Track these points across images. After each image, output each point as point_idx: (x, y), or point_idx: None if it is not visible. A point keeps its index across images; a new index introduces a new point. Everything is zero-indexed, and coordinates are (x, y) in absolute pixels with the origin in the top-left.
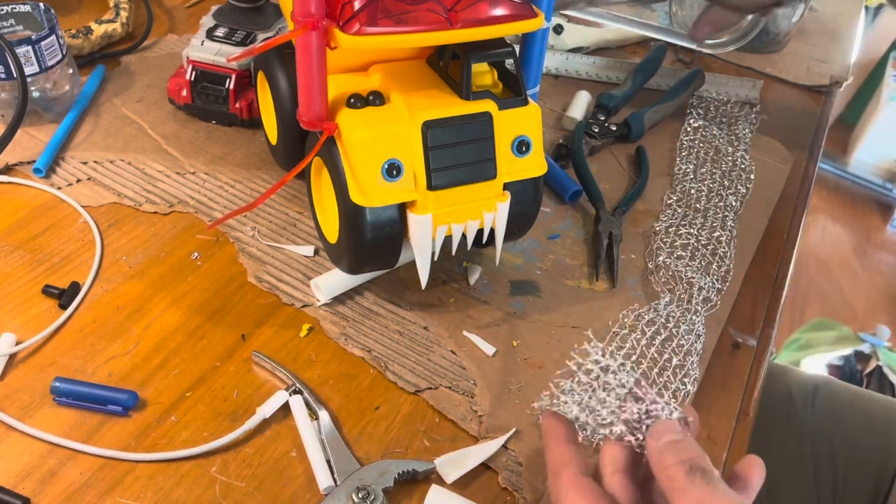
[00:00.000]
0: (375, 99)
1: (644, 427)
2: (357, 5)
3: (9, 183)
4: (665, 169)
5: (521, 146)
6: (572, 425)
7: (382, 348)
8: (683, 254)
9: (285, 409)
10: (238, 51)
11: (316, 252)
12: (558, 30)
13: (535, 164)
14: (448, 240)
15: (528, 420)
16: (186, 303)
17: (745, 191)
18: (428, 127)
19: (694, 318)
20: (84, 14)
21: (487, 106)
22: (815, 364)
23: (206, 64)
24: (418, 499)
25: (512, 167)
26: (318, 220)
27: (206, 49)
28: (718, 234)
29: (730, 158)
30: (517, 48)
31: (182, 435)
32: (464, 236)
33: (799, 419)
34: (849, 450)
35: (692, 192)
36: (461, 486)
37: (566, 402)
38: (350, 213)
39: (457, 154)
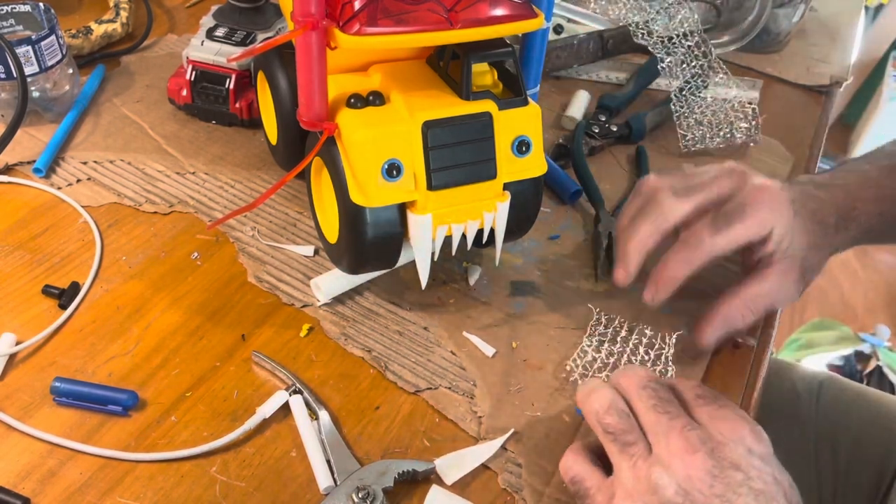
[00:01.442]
0: (375, 99)
1: None
2: (357, 5)
3: (9, 183)
4: (665, 169)
5: (521, 146)
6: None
7: (382, 348)
8: None
9: (285, 409)
10: (238, 51)
11: (316, 252)
12: (558, 30)
13: (535, 164)
14: (448, 240)
15: (528, 421)
16: (186, 303)
17: None
18: (428, 127)
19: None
20: (84, 14)
21: (487, 106)
22: (816, 364)
23: (206, 64)
24: (418, 499)
25: (512, 167)
26: (318, 220)
27: (206, 49)
28: None
29: None
30: (517, 48)
31: (182, 435)
32: (464, 236)
33: (804, 414)
34: (851, 446)
35: None
36: (461, 486)
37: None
38: (350, 213)
39: (457, 154)
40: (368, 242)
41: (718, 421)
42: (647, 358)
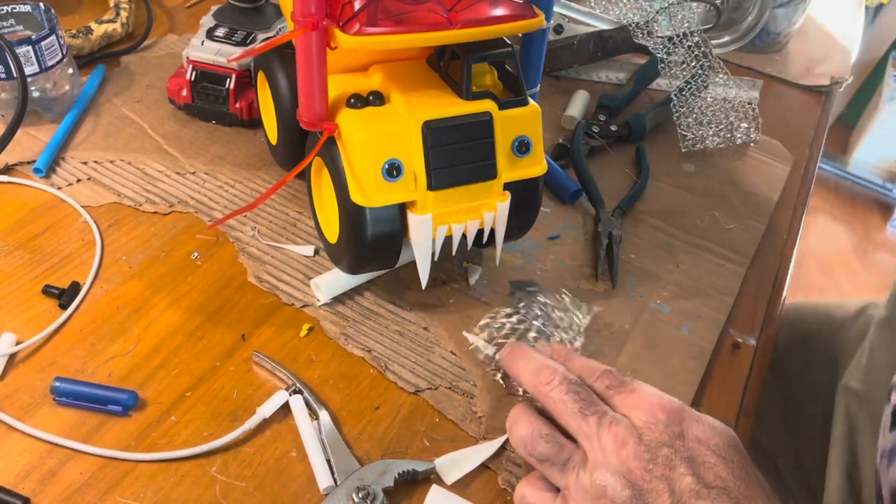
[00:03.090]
0: (375, 99)
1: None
2: (357, 5)
3: (9, 183)
4: (665, 169)
5: (521, 146)
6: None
7: (382, 348)
8: None
9: (285, 409)
10: (238, 51)
11: (316, 252)
12: (558, 30)
13: (535, 164)
14: (448, 240)
15: None
16: (186, 303)
17: None
18: (428, 127)
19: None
20: (84, 14)
21: (487, 106)
22: None
23: (206, 64)
24: (418, 499)
25: (512, 167)
26: (318, 220)
27: (206, 49)
28: None
29: None
30: (517, 48)
31: (182, 435)
32: (464, 236)
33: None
34: (804, 360)
35: None
36: (461, 486)
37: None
38: (350, 213)
39: (457, 154)
40: (368, 242)
41: (632, 408)
42: (560, 325)
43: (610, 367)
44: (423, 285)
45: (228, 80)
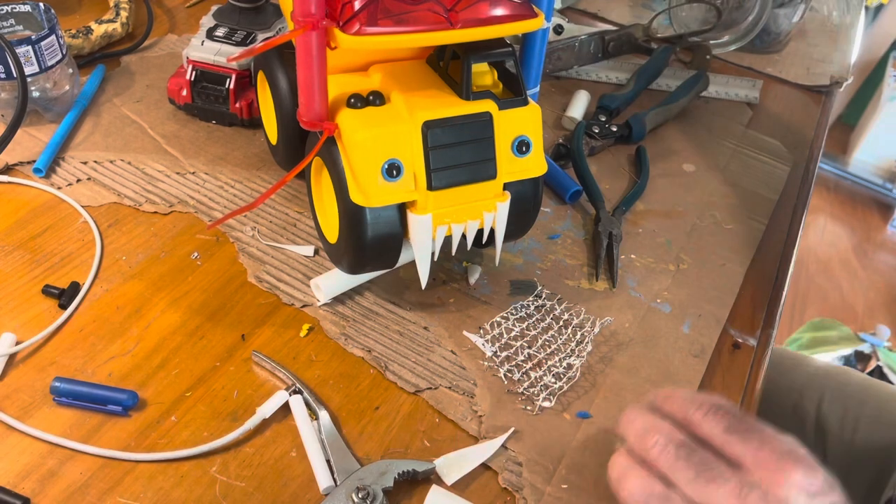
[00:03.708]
0: (375, 99)
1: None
2: (357, 5)
3: (9, 183)
4: (665, 169)
5: (521, 146)
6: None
7: (382, 348)
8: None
9: (285, 409)
10: (238, 51)
11: (316, 252)
12: (558, 30)
13: (535, 164)
14: (448, 240)
15: (528, 420)
16: (186, 303)
17: None
18: (428, 127)
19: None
20: (84, 14)
21: (487, 106)
22: None
23: (206, 64)
24: (418, 499)
25: (512, 167)
26: (318, 220)
27: (206, 49)
28: None
29: None
30: (517, 48)
31: (182, 435)
32: (464, 236)
33: (805, 408)
34: (854, 439)
35: None
36: (461, 486)
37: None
38: (350, 213)
39: (457, 154)
40: (368, 242)
41: (766, 466)
42: (572, 338)
43: (720, 400)
44: (423, 285)
45: (228, 80)
